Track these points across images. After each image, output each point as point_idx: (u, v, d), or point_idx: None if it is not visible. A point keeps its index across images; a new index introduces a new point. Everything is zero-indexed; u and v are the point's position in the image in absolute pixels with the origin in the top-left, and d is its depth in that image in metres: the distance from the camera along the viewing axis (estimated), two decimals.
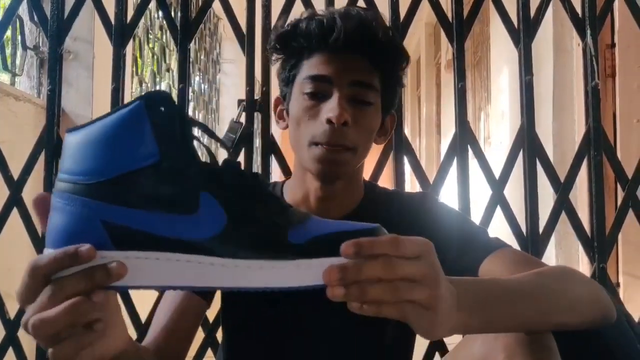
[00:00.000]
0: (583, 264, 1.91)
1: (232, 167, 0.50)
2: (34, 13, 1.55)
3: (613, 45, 2.01)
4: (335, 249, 0.47)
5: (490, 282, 0.60)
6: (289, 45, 0.84)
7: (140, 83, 3.09)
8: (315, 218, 0.51)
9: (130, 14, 1.41)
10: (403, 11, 1.37)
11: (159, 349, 0.76)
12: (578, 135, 1.98)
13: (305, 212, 0.53)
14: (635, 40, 1.41)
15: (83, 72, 1.93)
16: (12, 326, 1.34)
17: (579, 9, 1.37)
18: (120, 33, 1.39)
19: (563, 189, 1.33)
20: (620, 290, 1.95)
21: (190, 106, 3.82)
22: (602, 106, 1.37)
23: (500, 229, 1.29)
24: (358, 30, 0.79)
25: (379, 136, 0.89)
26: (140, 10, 1.42)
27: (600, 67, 1.89)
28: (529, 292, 0.60)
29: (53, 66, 1.40)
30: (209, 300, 0.85)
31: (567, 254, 1.96)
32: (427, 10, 1.40)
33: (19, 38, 1.91)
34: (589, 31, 1.35)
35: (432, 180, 1.35)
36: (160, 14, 3.16)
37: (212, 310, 0.94)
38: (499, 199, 1.33)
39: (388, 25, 0.94)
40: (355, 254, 0.46)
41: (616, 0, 1.45)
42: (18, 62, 1.98)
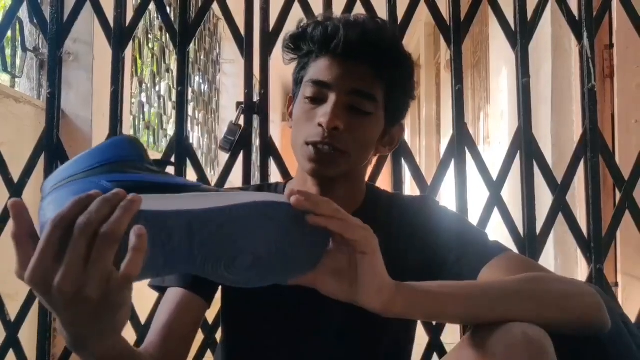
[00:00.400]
0: (582, 264, 1.91)
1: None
2: (34, 16, 1.56)
3: (611, 45, 2.01)
4: None
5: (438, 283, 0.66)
6: (299, 47, 0.85)
7: (140, 84, 3.09)
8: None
9: (130, 16, 1.41)
10: (401, 13, 1.38)
11: (159, 350, 0.76)
12: (576, 136, 1.97)
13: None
14: (634, 40, 1.41)
15: (83, 74, 1.93)
16: (13, 327, 1.34)
17: (575, 11, 1.38)
18: (119, 36, 1.39)
19: (560, 190, 1.34)
20: (619, 290, 1.95)
21: (190, 107, 3.82)
22: (601, 107, 1.38)
23: (497, 230, 1.29)
24: (360, 38, 0.80)
25: (383, 146, 0.88)
26: (139, 13, 1.43)
27: (599, 68, 1.90)
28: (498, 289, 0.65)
29: (53, 69, 1.41)
30: (209, 301, 0.85)
31: (566, 255, 1.96)
32: (427, 10, 1.40)
33: (19, 40, 1.92)
34: (585, 33, 1.36)
35: (430, 182, 1.36)
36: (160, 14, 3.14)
37: (212, 311, 0.94)
38: (496, 201, 1.34)
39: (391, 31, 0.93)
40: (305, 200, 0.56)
41: (614, 2, 1.45)
42: (18, 64, 1.98)
